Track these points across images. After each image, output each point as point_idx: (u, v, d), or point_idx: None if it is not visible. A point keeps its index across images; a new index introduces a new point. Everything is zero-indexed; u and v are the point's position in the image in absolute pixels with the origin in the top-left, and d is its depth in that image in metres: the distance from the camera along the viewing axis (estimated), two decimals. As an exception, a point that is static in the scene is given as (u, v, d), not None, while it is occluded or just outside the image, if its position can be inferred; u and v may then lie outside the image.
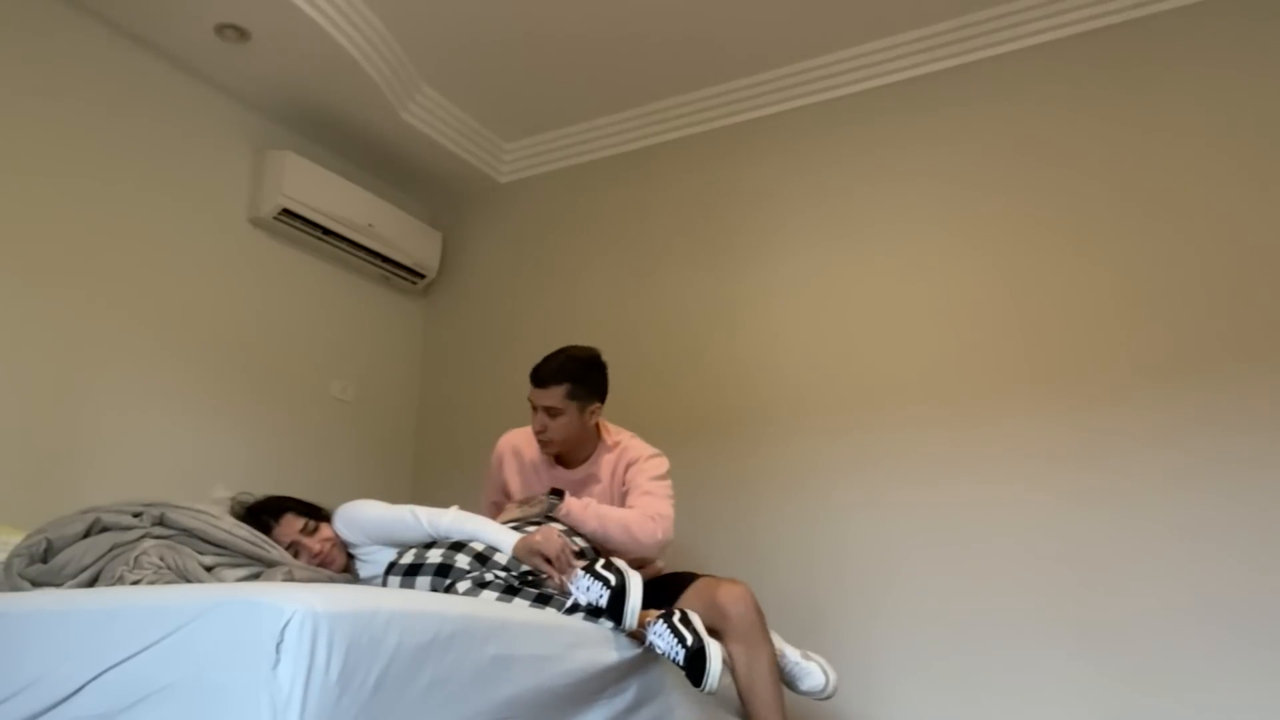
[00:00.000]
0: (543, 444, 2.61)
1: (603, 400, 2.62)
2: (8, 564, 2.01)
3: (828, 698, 2.33)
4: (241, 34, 3.14)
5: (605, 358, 2.64)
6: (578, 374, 2.54)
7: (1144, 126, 2.95)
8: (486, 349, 3.97)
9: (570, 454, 2.66)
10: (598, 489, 2.62)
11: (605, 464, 2.63)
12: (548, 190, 4.05)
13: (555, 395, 2.52)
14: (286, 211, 3.47)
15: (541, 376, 2.54)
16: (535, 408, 2.56)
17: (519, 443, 2.75)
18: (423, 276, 4.07)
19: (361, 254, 3.80)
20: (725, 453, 3.33)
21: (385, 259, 3.88)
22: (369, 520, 2.31)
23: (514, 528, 2.29)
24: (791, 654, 2.33)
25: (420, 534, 2.25)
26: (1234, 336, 2.72)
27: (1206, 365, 2.73)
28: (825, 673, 2.31)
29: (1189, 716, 2.54)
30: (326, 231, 3.63)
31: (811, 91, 3.51)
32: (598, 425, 2.66)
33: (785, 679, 2.29)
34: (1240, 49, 2.87)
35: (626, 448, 2.65)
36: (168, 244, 3.22)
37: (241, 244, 3.46)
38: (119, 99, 3.12)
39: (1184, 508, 2.67)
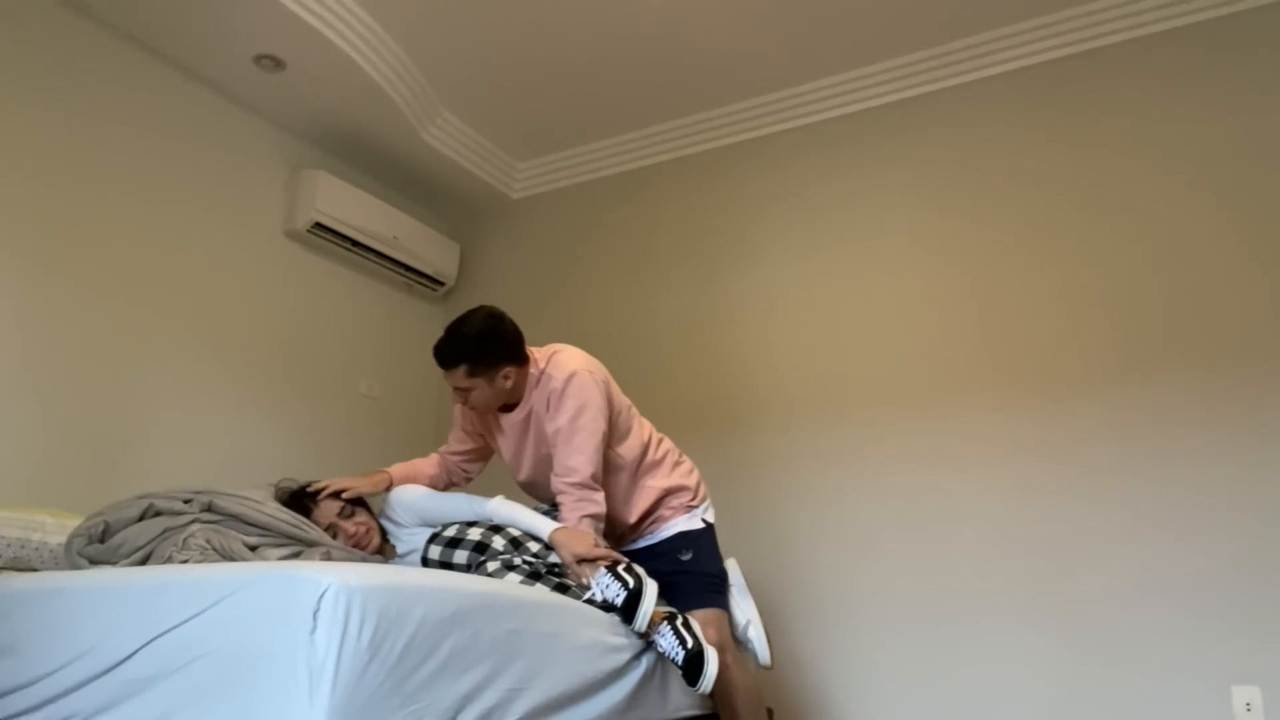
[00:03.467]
0: (471, 408, 2.36)
1: (513, 360, 2.26)
2: (68, 544, 2.01)
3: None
4: (278, 64, 3.16)
5: (498, 312, 2.28)
6: (473, 353, 2.21)
7: (1096, 146, 2.97)
8: (500, 350, 3.97)
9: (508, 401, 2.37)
10: (535, 425, 2.33)
11: (538, 397, 2.30)
12: (556, 206, 4.06)
13: (458, 376, 2.23)
14: (319, 225, 3.48)
15: (440, 360, 2.25)
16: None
17: None
18: (442, 284, 4.08)
19: (387, 264, 3.81)
20: (720, 443, 3.34)
21: (408, 268, 3.89)
22: (424, 504, 2.30)
23: (544, 512, 2.29)
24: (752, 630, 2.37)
25: (468, 516, 2.24)
26: (1177, 339, 2.74)
27: (1153, 365, 2.75)
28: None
29: (1134, 682, 2.57)
30: (355, 243, 3.64)
31: (797, 115, 3.52)
32: (528, 358, 2.33)
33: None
34: (1181, 77, 2.89)
35: (548, 376, 2.29)
36: (211, 255, 3.23)
37: (277, 255, 3.48)
38: (167, 123, 3.13)
39: (1131, 493, 2.69)
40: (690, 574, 2.31)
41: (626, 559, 2.12)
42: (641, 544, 2.38)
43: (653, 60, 3.33)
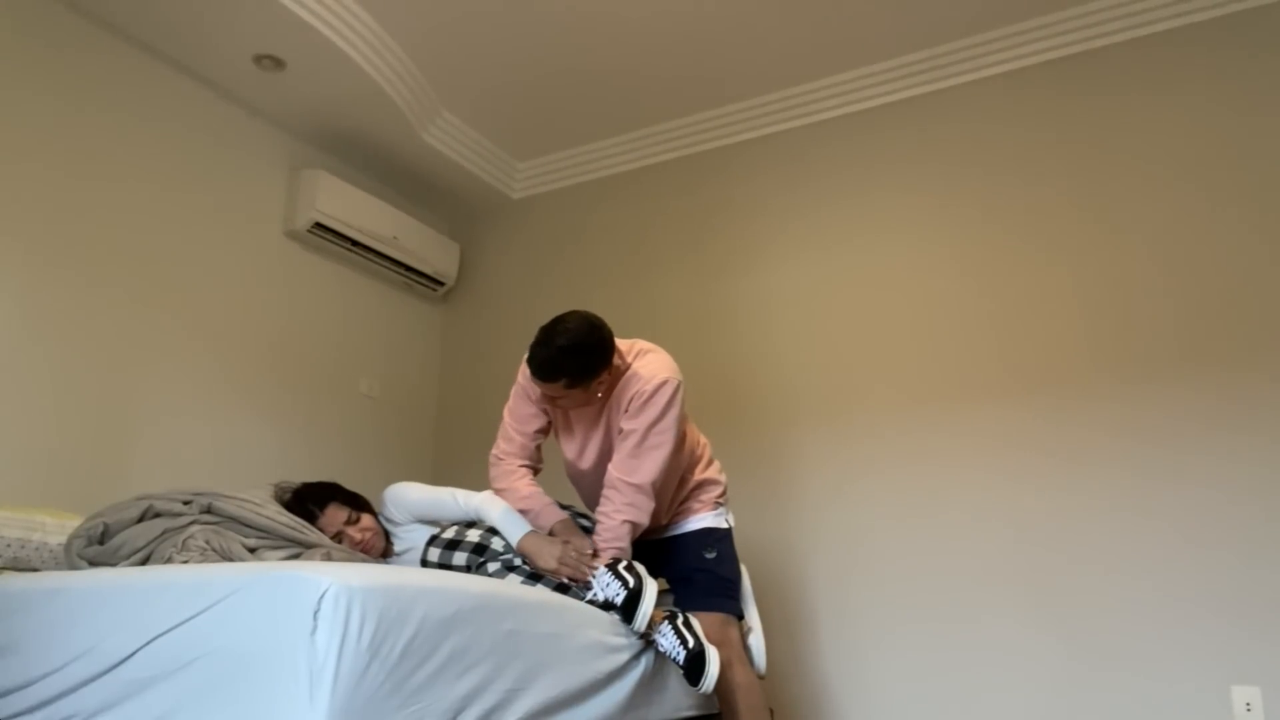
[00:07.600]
0: (558, 409, 2.31)
1: (609, 368, 2.18)
2: (68, 545, 2.02)
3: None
4: (278, 64, 3.15)
5: (597, 321, 2.15)
6: (575, 369, 2.11)
7: (1100, 145, 2.97)
8: (500, 350, 3.97)
9: None
10: (607, 417, 2.28)
11: (618, 392, 2.24)
12: (556, 205, 4.06)
13: (555, 388, 2.15)
14: (318, 225, 3.48)
15: (538, 373, 2.13)
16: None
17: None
18: (442, 284, 4.08)
19: (386, 264, 3.81)
20: (723, 442, 3.31)
21: (408, 268, 3.89)
22: (415, 501, 2.32)
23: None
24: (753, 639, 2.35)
25: (457, 513, 2.26)
26: (1181, 335, 2.74)
27: (1155, 365, 2.75)
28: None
29: (1134, 682, 2.57)
30: (355, 243, 3.63)
31: (798, 115, 3.51)
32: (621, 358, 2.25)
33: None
34: (1184, 77, 2.90)
35: (635, 375, 2.22)
36: (211, 255, 3.22)
37: (277, 255, 3.47)
38: (167, 123, 3.13)
39: (1133, 493, 2.69)
40: (709, 574, 2.30)
41: (629, 560, 2.10)
42: (667, 535, 2.38)
43: (653, 60, 3.33)
